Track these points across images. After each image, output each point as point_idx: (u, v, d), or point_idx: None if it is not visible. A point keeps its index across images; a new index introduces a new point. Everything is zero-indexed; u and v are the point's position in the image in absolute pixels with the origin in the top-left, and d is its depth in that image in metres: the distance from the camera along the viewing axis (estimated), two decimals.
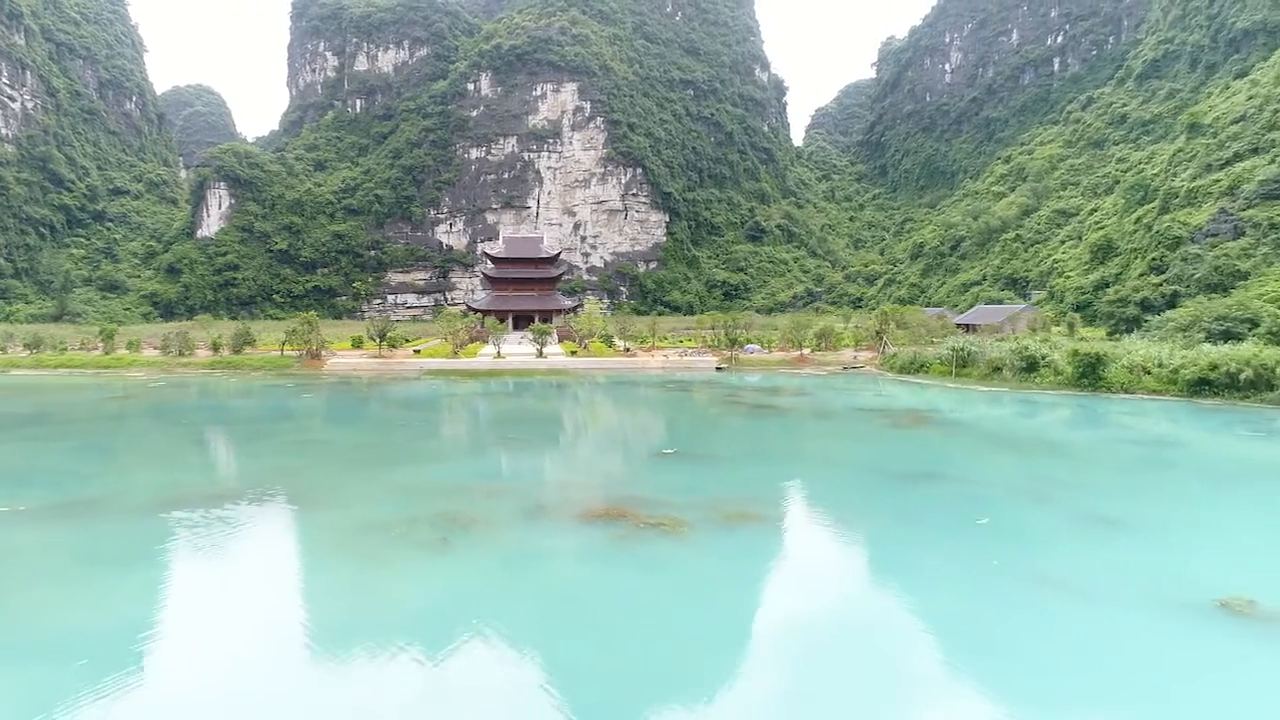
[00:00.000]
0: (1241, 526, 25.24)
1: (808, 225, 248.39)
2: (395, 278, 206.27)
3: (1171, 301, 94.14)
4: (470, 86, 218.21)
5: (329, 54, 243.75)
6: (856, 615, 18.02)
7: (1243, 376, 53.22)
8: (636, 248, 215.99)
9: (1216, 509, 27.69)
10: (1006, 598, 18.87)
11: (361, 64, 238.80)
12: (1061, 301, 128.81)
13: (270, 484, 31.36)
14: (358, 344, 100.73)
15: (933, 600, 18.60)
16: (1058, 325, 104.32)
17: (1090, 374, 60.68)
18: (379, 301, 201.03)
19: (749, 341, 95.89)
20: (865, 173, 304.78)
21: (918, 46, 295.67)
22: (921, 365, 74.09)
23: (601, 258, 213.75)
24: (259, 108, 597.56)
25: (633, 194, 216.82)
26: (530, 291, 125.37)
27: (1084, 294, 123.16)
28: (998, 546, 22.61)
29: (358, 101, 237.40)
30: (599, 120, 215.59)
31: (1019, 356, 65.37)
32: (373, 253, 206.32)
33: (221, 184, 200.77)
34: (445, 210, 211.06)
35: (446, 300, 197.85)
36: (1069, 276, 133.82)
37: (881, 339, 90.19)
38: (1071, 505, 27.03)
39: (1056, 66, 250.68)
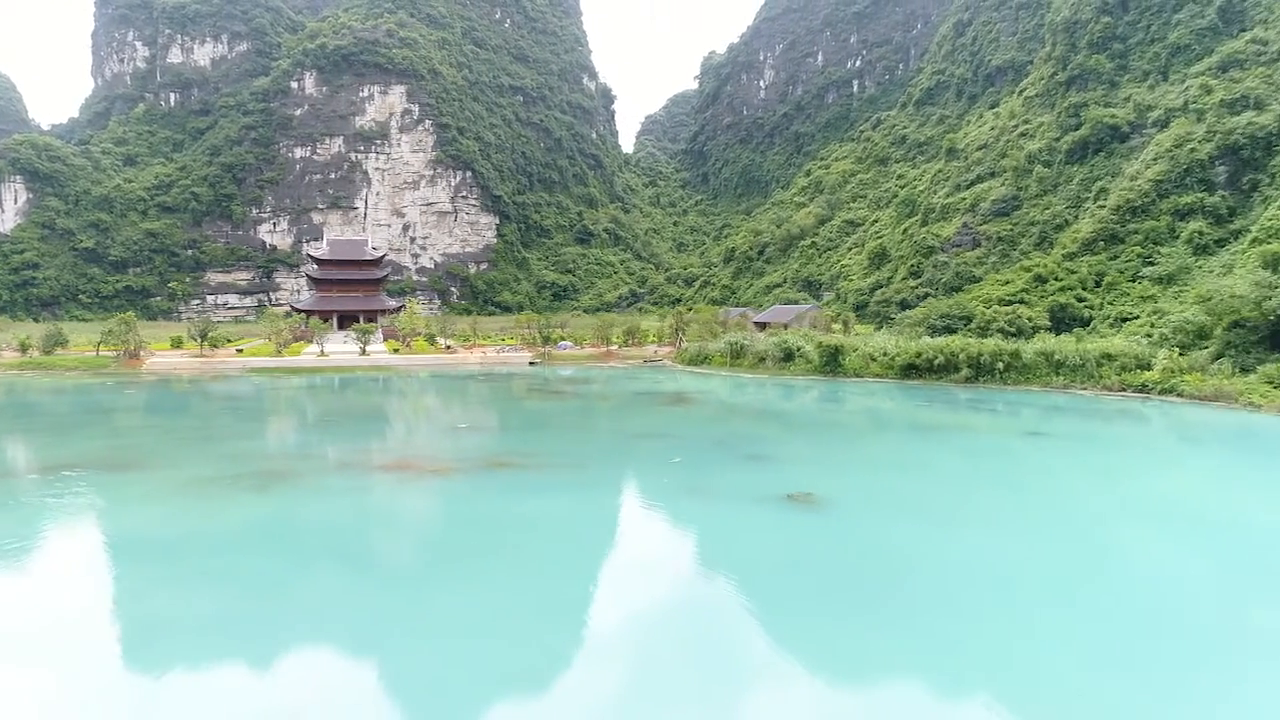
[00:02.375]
0: (845, 458, 36.34)
1: (634, 229, 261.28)
2: (215, 278, 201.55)
3: (922, 301, 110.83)
4: (294, 85, 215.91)
5: (139, 44, 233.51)
6: (567, 511, 26.88)
7: (937, 362, 67.18)
8: (467, 249, 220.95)
9: (842, 449, 38.92)
10: (665, 499, 28.43)
11: (175, 56, 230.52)
12: (846, 302, 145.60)
13: (106, 456, 36.93)
14: (178, 344, 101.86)
15: (619, 504, 27.83)
16: (836, 322, 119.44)
17: (832, 362, 73.57)
18: (198, 302, 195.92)
19: (562, 339, 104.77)
20: (689, 180, 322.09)
21: (736, 62, 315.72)
22: (706, 357, 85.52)
23: (432, 259, 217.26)
24: (53, 94, 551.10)
25: (463, 196, 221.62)
26: (355, 292, 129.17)
27: (862, 295, 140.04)
28: (675, 474, 32.31)
29: (172, 95, 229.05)
30: (428, 123, 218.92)
31: (778, 349, 77.67)
32: (190, 252, 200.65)
33: (18, 177, 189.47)
34: (269, 209, 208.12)
35: (271, 301, 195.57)
36: (852, 280, 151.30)
37: (678, 336, 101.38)
38: (743, 450, 37.42)
39: (856, 88, 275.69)
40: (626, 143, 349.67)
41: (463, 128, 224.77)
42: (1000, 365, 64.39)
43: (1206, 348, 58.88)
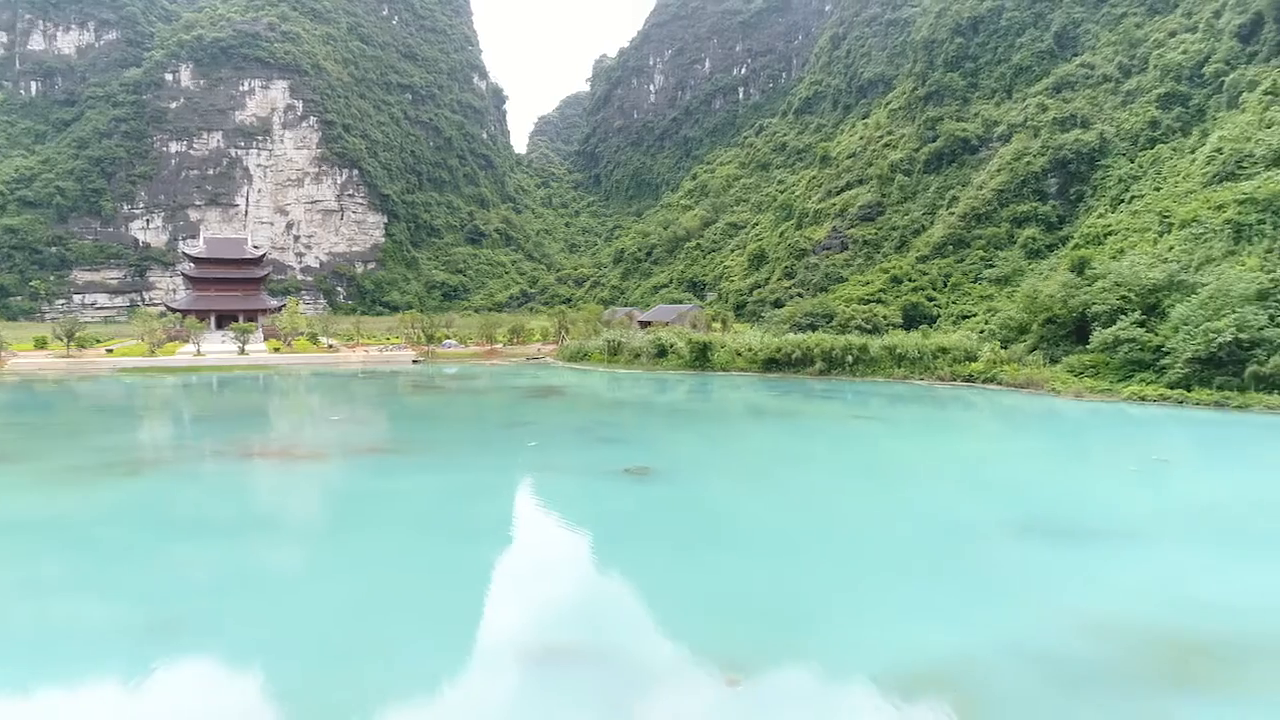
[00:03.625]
0: (688, 439, 40.38)
1: (526, 230, 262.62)
2: (83, 276, 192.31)
3: (793, 300, 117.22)
4: (169, 77, 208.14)
5: None
6: (428, 488, 29.63)
7: (795, 356, 72.55)
8: (354, 248, 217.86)
9: (688, 432, 42.98)
10: (516, 475, 31.60)
11: (37, 43, 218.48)
12: (727, 302, 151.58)
13: None
14: (42, 345, 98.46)
15: (475, 481, 30.73)
16: (715, 321, 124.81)
17: (701, 357, 78.14)
18: (63, 302, 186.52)
19: (447, 338, 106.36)
20: (581, 181, 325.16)
21: (626, 67, 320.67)
22: (585, 354, 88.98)
23: (317, 258, 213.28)
24: None
25: (349, 195, 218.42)
26: (234, 291, 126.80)
27: (742, 295, 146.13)
28: (531, 455, 35.51)
29: (33, 84, 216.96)
30: (312, 120, 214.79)
31: (653, 345, 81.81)
32: (54, 249, 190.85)
33: None
34: (141, 206, 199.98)
35: (144, 301, 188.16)
36: (733, 280, 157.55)
37: (561, 334, 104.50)
38: (598, 434, 40.99)
39: (741, 95, 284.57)
40: (519, 143, 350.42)
41: (349, 125, 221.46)
42: (850, 359, 70.21)
43: (1024, 341, 65.96)
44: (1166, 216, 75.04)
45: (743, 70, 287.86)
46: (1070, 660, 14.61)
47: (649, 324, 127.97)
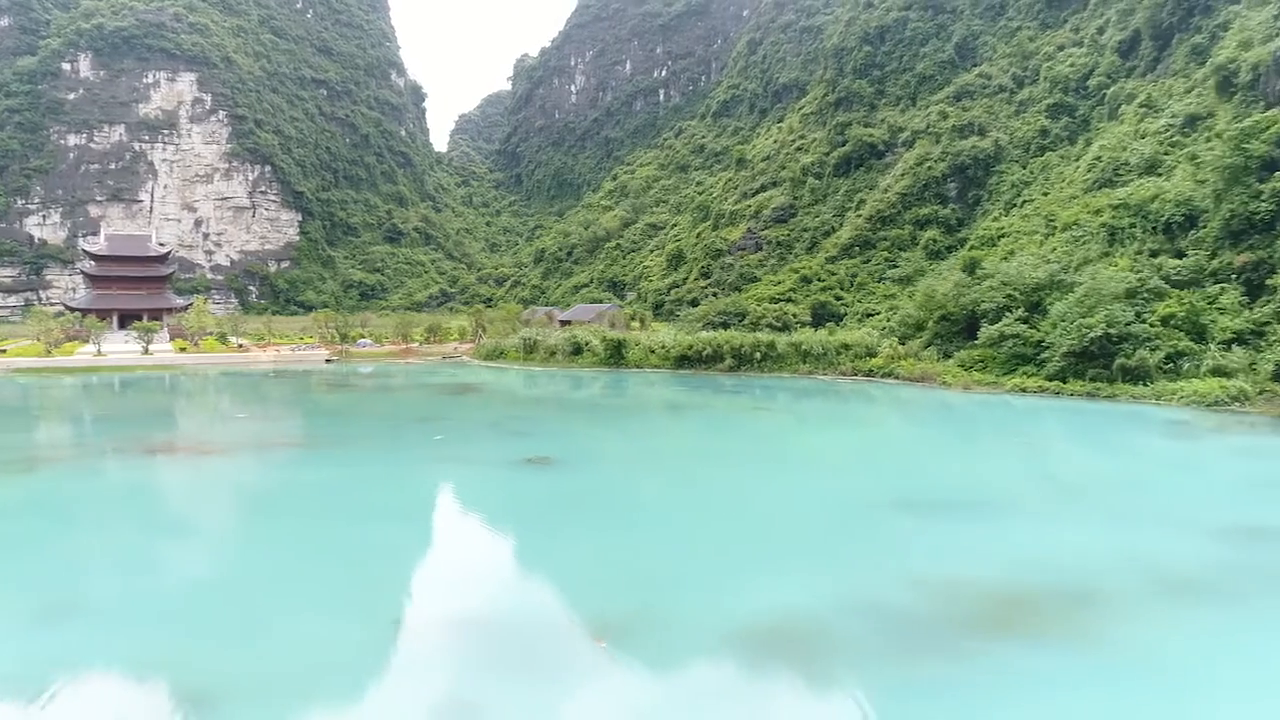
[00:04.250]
0: (592, 431, 41.70)
1: (445, 229, 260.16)
2: None
3: (709, 300, 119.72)
4: (66, 66, 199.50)
5: None
6: (330, 478, 30.13)
7: (706, 353, 74.53)
8: (267, 246, 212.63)
9: (593, 424, 44.31)
10: (420, 466, 32.34)
11: None
12: (646, 301, 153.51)
13: None
14: None
15: (377, 471, 31.34)
16: (634, 320, 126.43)
17: (616, 355, 79.49)
18: None
19: (362, 337, 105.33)
20: (503, 180, 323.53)
21: (547, 66, 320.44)
22: (502, 352, 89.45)
23: (228, 256, 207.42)
24: None
25: (261, 191, 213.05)
26: (138, 290, 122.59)
27: (661, 295, 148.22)
28: (437, 448, 36.26)
29: None
30: (221, 114, 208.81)
31: (568, 343, 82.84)
32: None
33: None
34: (37, 201, 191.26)
35: (41, 300, 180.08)
36: (652, 280, 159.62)
37: (478, 333, 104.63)
38: (506, 428, 41.97)
39: (662, 97, 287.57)
40: (439, 141, 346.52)
41: (261, 120, 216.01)
42: (758, 355, 72.54)
43: (920, 338, 69.30)
44: (1052, 220, 79.69)
45: (663, 73, 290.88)
46: (904, 612, 16.40)
47: (568, 323, 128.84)
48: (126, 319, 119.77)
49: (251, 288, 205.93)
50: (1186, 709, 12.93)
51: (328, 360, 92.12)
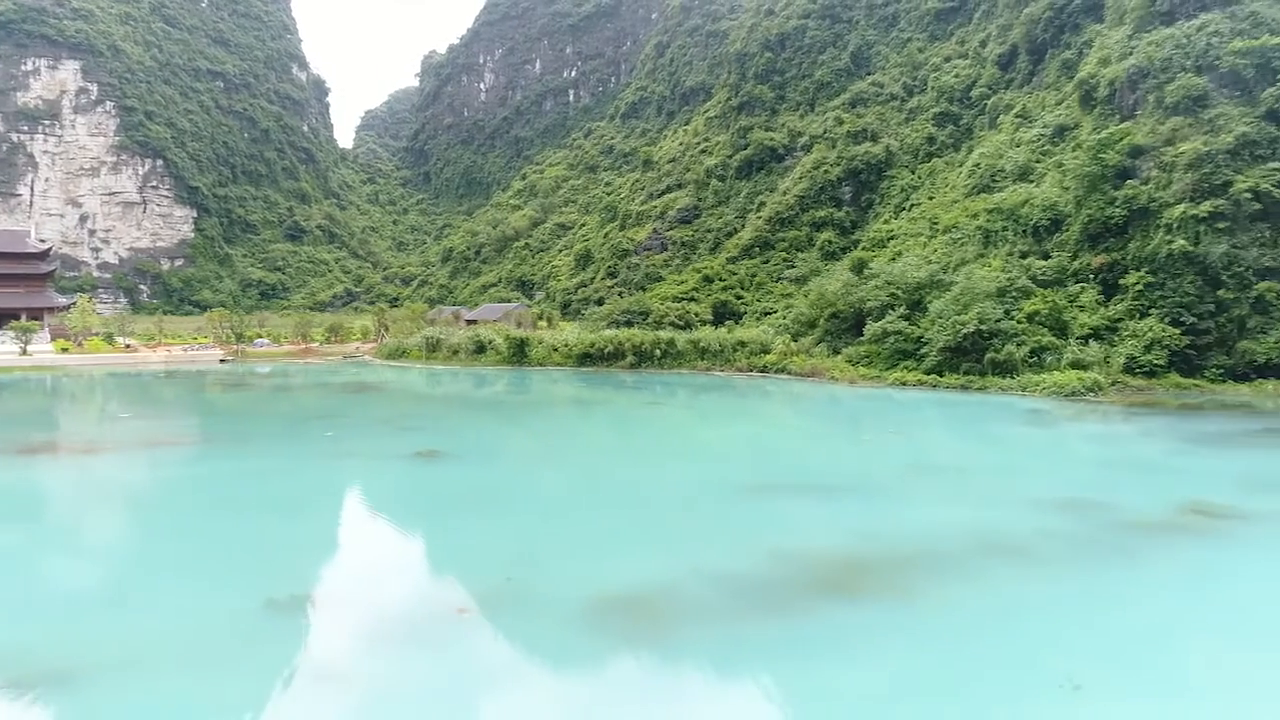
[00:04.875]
0: (485, 426, 42.44)
1: (350, 227, 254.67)
2: None
3: (618, 299, 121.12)
4: None
5: None
6: (217, 475, 30.03)
7: (607, 351, 75.84)
8: (159, 244, 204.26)
9: (487, 420, 45.01)
10: (311, 460, 32.48)
11: None
12: (555, 301, 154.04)
13: None
14: None
15: (266, 467, 31.39)
16: (541, 320, 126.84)
17: (519, 353, 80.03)
18: None
19: (259, 337, 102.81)
20: (410, 178, 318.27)
21: (456, 64, 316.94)
22: (404, 352, 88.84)
23: (116, 254, 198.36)
24: None
25: (153, 186, 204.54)
26: (15, 288, 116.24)
27: (569, 294, 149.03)
28: (326, 443, 36.40)
29: None
30: (109, 105, 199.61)
31: (471, 342, 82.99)
32: None
33: None
34: None
35: None
36: (561, 280, 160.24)
37: (381, 332, 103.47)
38: (400, 424, 42.28)
39: (572, 97, 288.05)
40: (344, 137, 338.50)
41: (152, 112, 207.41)
42: (658, 353, 74.31)
43: (812, 335, 72.22)
44: (935, 223, 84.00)
45: (573, 73, 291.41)
46: (752, 578, 17.88)
47: (474, 322, 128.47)
48: (3, 319, 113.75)
49: (143, 286, 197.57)
50: (980, 651, 14.71)
51: (222, 360, 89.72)
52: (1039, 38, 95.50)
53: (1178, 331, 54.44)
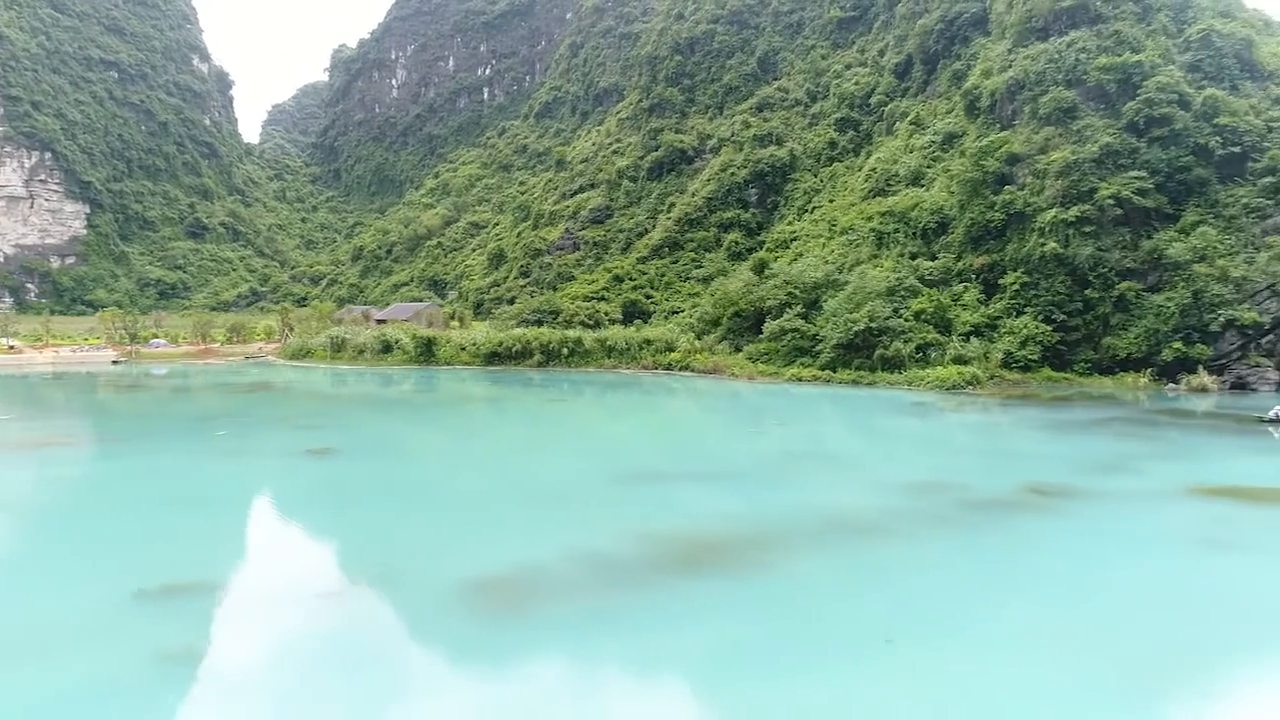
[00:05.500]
0: (380, 423, 42.66)
1: (256, 224, 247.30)
2: None
3: (530, 298, 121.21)
4: None
5: None
6: (97, 473, 29.63)
7: (515, 349, 76.27)
8: (48, 240, 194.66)
9: (383, 417, 45.20)
10: (199, 458, 32.26)
11: None
12: (468, 300, 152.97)
13: None
14: None
15: (157, 465, 31.03)
16: (453, 319, 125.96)
17: (426, 352, 79.71)
18: None
19: (155, 337, 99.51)
20: (320, 175, 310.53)
21: (367, 59, 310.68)
22: (308, 351, 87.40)
23: (1, 251, 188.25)
24: None
25: (40, 180, 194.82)
26: None
27: (482, 294, 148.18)
28: (217, 442, 36.12)
29: None
30: None
31: (377, 341, 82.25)
32: None
33: None
34: None
35: None
36: (474, 279, 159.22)
37: (285, 332, 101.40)
38: (295, 423, 42.18)
39: (486, 95, 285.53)
40: (250, 132, 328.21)
41: (39, 102, 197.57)
42: (565, 351, 75.07)
43: (715, 333, 74.13)
44: (834, 225, 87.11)
45: (487, 71, 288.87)
46: (616, 558, 19.01)
47: (384, 322, 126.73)
48: None
49: (30, 285, 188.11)
50: (810, 614, 16.13)
51: (115, 362, 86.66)
52: (931, 49, 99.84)
53: (1049, 328, 58.15)
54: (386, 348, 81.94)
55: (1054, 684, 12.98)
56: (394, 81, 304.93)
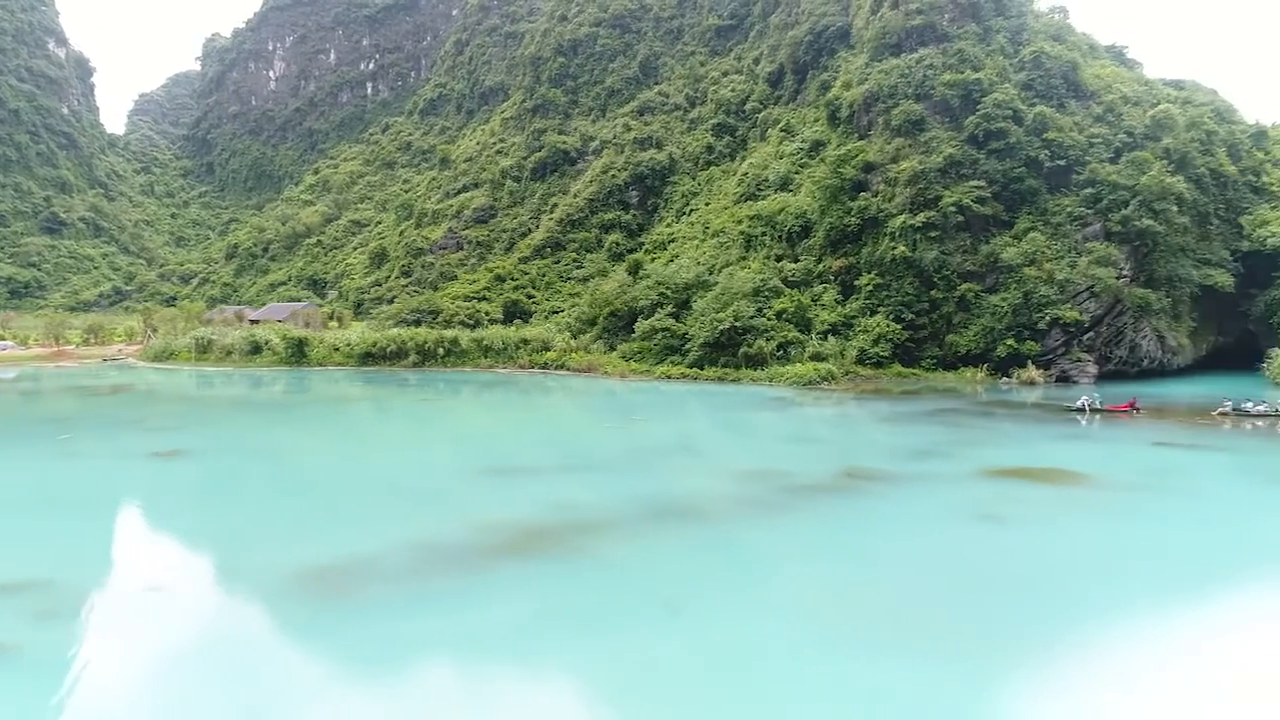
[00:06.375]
0: (235, 425, 42.22)
1: (120, 220, 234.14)
2: None
3: (412, 298, 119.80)
4: None
5: None
6: None
7: (390, 350, 75.69)
8: None
9: (240, 419, 44.70)
10: (39, 461, 31.38)
11: None
12: (348, 300, 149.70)
13: None
14: None
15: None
16: (331, 320, 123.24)
17: (298, 353, 78.12)
18: None
19: (0, 339, 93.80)
20: (192, 169, 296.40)
21: (242, 49, 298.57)
22: (172, 353, 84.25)
23: None
24: None
25: None
26: None
27: (363, 293, 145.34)
28: (60, 445, 35.10)
29: None
30: None
31: (246, 342, 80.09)
32: None
33: None
34: None
35: None
36: (355, 279, 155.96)
37: (148, 333, 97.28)
38: (147, 425, 41.25)
39: (370, 90, 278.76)
40: (115, 122, 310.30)
41: None
42: (441, 351, 75.08)
43: (591, 332, 75.59)
44: (708, 228, 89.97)
45: (370, 65, 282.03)
46: (448, 545, 20.09)
47: (258, 322, 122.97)
48: None
49: None
50: (612, 590, 17.63)
51: None
52: (801, 59, 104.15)
53: (899, 327, 62.15)
54: (256, 349, 79.88)
55: (811, 636, 14.87)
56: (271, 73, 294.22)
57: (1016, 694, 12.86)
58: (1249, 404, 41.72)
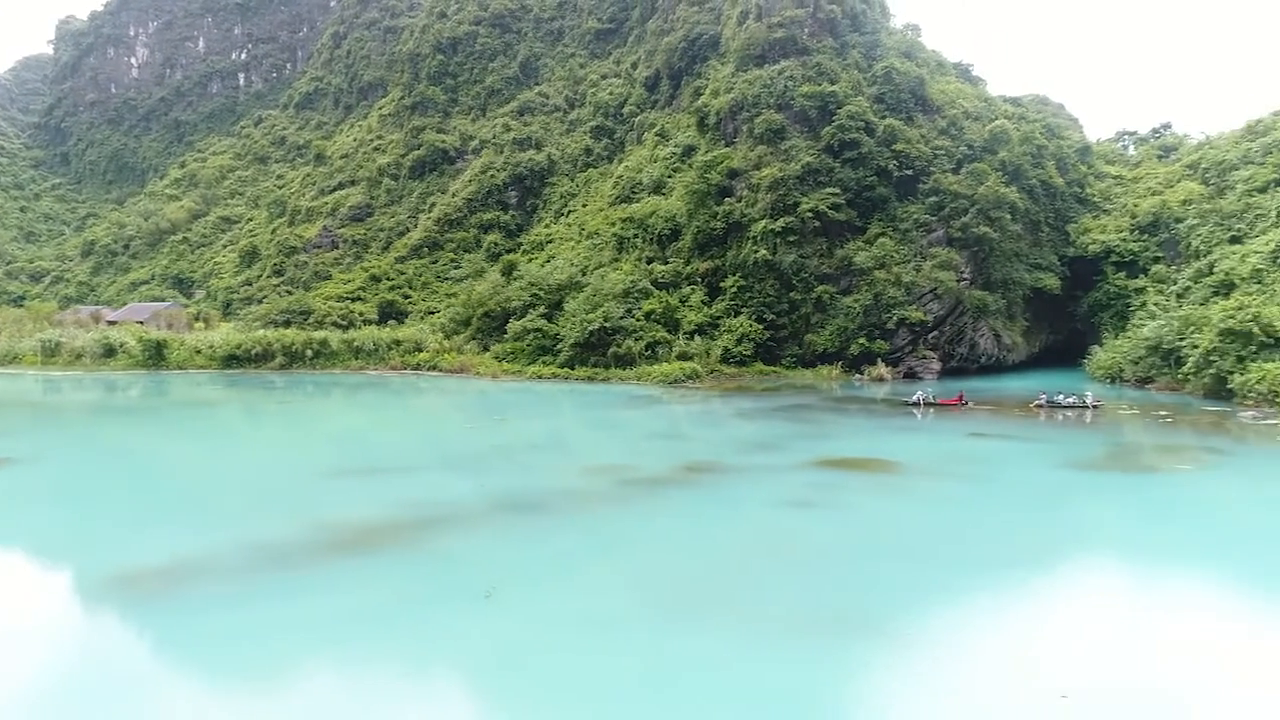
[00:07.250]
0: (75, 432, 40.82)
1: None
2: None
3: (284, 298, 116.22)
4: None
5: None
6: None
7: (255, 352, 73.83)
8: None
9: (80, 426, 43.19)
10: None
11: None
12: (217, 299, 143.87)
13: None
14: None
15: None
16: (198, 321, 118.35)
17: (156, 356, 75.17)
18: None
19: None
20: (44, 159, 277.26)
21: (100, 33, 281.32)
22: (16, 357, 79.54)
23: None
24: None
25: None
26: None
27: (232, 293, 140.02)
28: None
29: None
30: None
31: (98, 345, 76.44)
32: None
33: None
34: None
35: None
36: (224, 278, 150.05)
37: None
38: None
39: (242, 81, 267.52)
40: None
41: None
42: (310, 353, 73.78)
43: (465, 333, 75.71)
44: (584, 229, 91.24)
45: (243, 55, 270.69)
46: (285, 544, 20.46)
47: (116, 323, 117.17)
48: None
49: None
50: (432, 581, 18.54)
51: None
52: (676, 65, 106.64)
53: (761, 327, 65.02)
54: (109, 351, 76.39)
55: (610, 612, 16.21)
56: (134, 60, 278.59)
57: (788, 657, 14.45)
58: (1060, 396, 45.97)
